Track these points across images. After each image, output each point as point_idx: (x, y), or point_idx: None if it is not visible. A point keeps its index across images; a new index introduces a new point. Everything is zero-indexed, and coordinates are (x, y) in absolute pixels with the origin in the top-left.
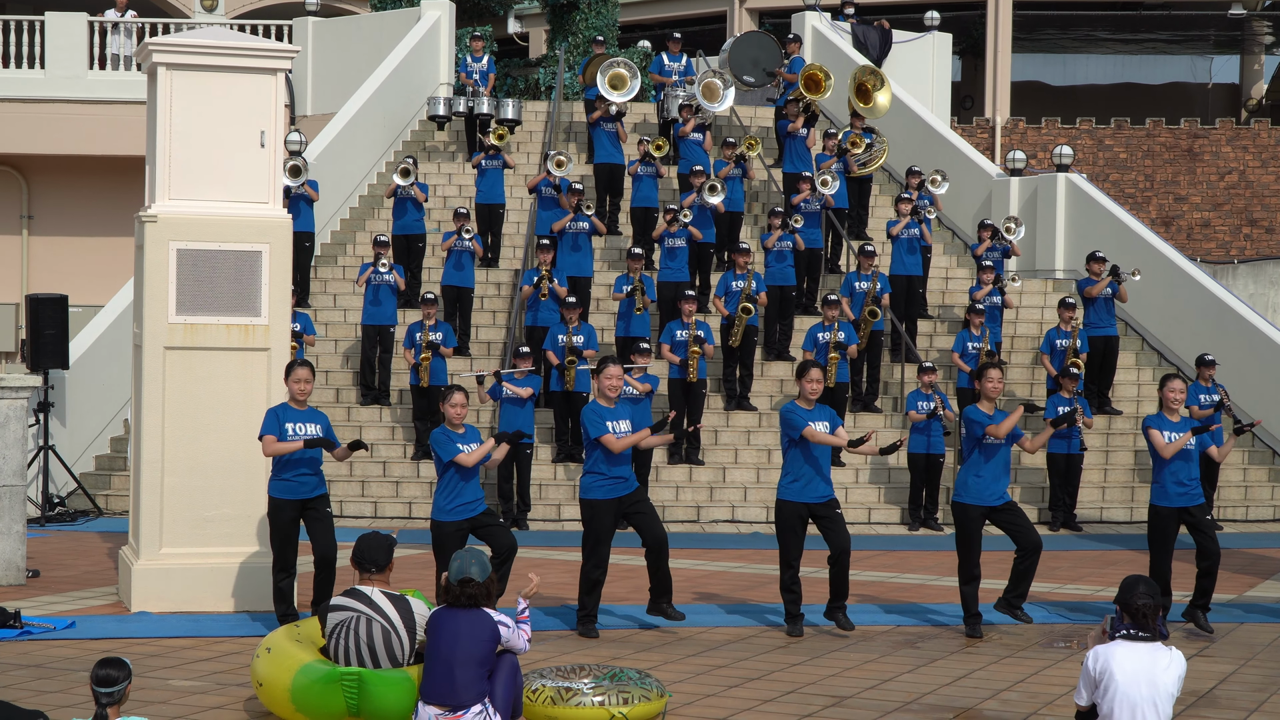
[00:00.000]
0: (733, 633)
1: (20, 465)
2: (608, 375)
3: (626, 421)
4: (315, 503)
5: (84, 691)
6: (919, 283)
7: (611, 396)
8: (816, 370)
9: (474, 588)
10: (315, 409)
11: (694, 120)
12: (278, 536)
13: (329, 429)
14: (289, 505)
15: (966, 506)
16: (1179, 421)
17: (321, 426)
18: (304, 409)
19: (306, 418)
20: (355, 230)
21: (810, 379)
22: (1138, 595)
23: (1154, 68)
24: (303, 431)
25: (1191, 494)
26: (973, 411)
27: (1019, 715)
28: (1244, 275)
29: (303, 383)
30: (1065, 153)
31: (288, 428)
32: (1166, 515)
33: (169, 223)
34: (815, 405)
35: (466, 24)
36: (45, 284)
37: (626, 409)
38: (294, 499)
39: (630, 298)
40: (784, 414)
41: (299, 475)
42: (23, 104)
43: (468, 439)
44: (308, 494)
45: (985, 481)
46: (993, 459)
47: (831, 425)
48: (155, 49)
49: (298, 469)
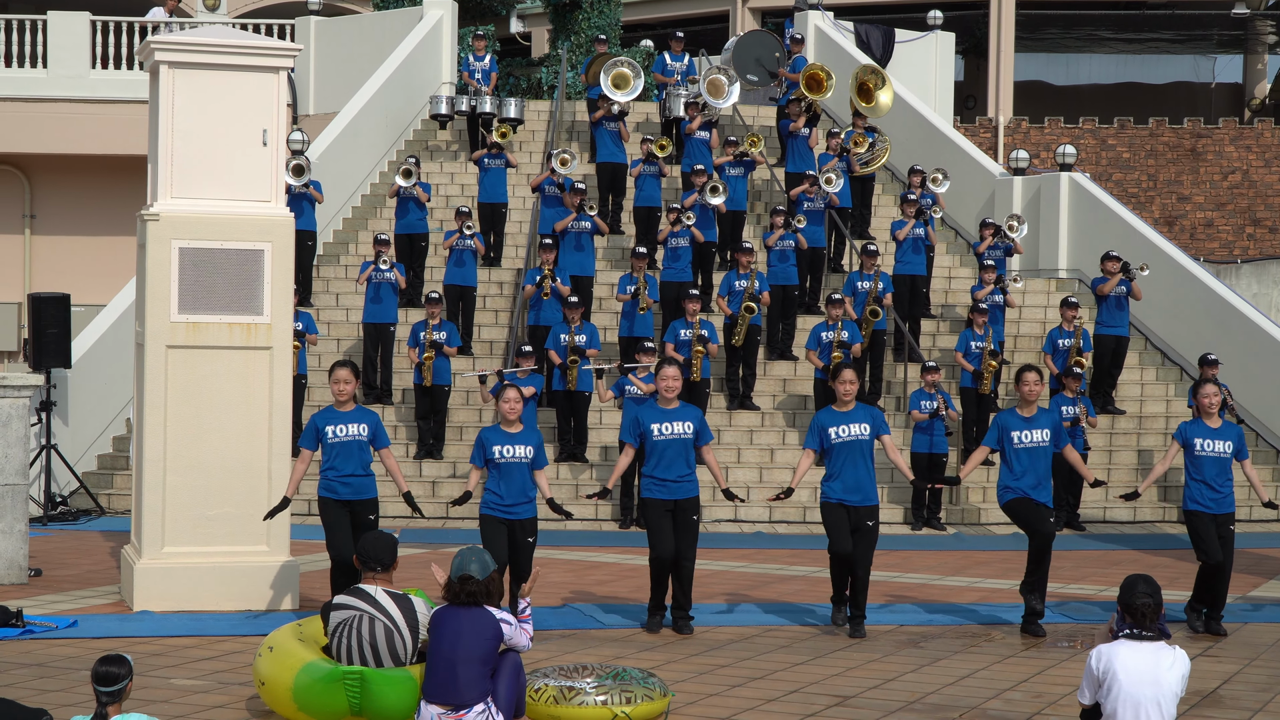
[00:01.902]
0: (736, 632)
1: (23, 464)
2: (663, 377)
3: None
4: (362, 507)
5: (86, 690)
6: (922, 282)
7: (669, 398)
8: (848, 371)
9: (474, 585)
10: (364, 408)
11: (700, 118)
12: (329, 537)
13: (377, 425)
14: (333, 505)
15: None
16: (1220, 428)
17: (368, 425)
18: (348, 409)
19: (349, 418)
20: (358, 229)
21: (842, 380)
22: (1138, 594)
23: (1157, 67)
24: (344, 433)
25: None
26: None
27: (1022, 715)
28: (1247, 275)
29: (340, 384)
30: (1068, 152)
31: (328, 430)
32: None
33: (171, 221)
34: (854, 407)
35: (469, 23)
36: (48, 283)
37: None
38: (338, 499)
39: (634, 298)
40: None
41: (340, 475)
42: (25, 103)
43: (520, 439)
44: (353, 495)
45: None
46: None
47: (873, 427)
48: (157, 47)
49: (336, 469)
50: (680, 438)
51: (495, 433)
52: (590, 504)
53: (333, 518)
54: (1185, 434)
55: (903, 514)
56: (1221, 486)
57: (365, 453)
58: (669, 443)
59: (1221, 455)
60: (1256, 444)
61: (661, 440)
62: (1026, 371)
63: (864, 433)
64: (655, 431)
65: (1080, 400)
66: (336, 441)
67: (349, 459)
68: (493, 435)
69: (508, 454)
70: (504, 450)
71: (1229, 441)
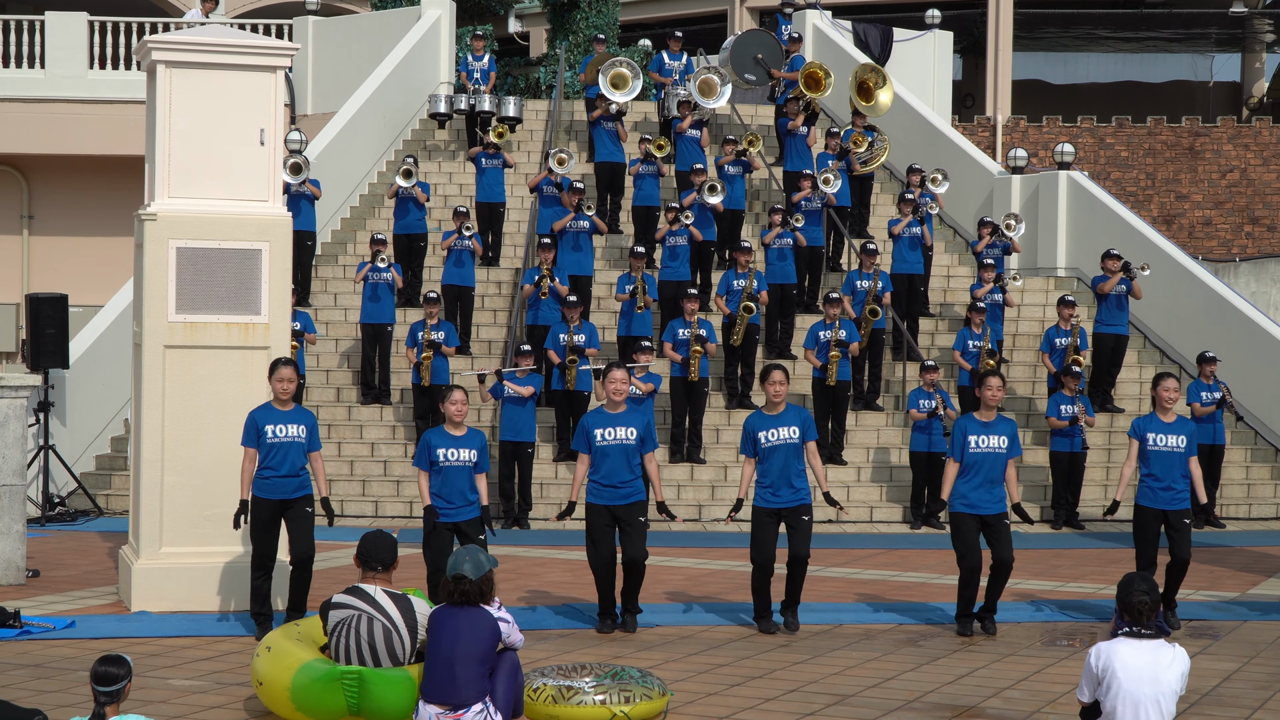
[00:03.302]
0: (734, 631)
1: (20, 465)
2: (611, 380)
3: (625, 428)
4: (295, 503)
5: (83, 691)
6: (920, 281)
7: (616, 400)
8: (777, 373)
9: (467, 585)
10: (302, 408)
11: (691, 116)
12: (254, 535)
13: (314, 428)
14: (265, 504)
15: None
16: (1173, 422)
17: (306, 427)
18: (288, 409)
19: (289, 418)
20: (356, 229)
21: (771, 381)
22: (1136, 592)
23: (1155, 66)
24: (284, 434)
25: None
26: (965, 420)
27: (1021, 713)
28: (1245, 273)
29: (285, 382)
30: (1066, 151)
31: (267, 430)
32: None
33: (169, 221)
34: (785, 409)
35: (467, 23)
36: (45, 283)
37: (629, 414)
38: (271, 498)
39: (632, 297)
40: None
41: (277, 475)
42: (23, 104)
43: (463, 443)
44: (288, 494)
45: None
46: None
47: (803, 431)
48: (154, 47)
49: (273, 469)
50: (623, 443)
51: (440, 434)
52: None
53: (261, 516)
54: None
55: (901, 513)
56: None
57: (294, 451)
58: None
59: (1169, 451)
60: (1255, 441)
61: (604, 445)
62: (990, 376)
63: (793, 436)
64: (599, 437)
65: (1078, 399)
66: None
67: (277, 457)
68: (437, 438)
69: (452, 457)
70: (448, 454)
71: (1183, 436)
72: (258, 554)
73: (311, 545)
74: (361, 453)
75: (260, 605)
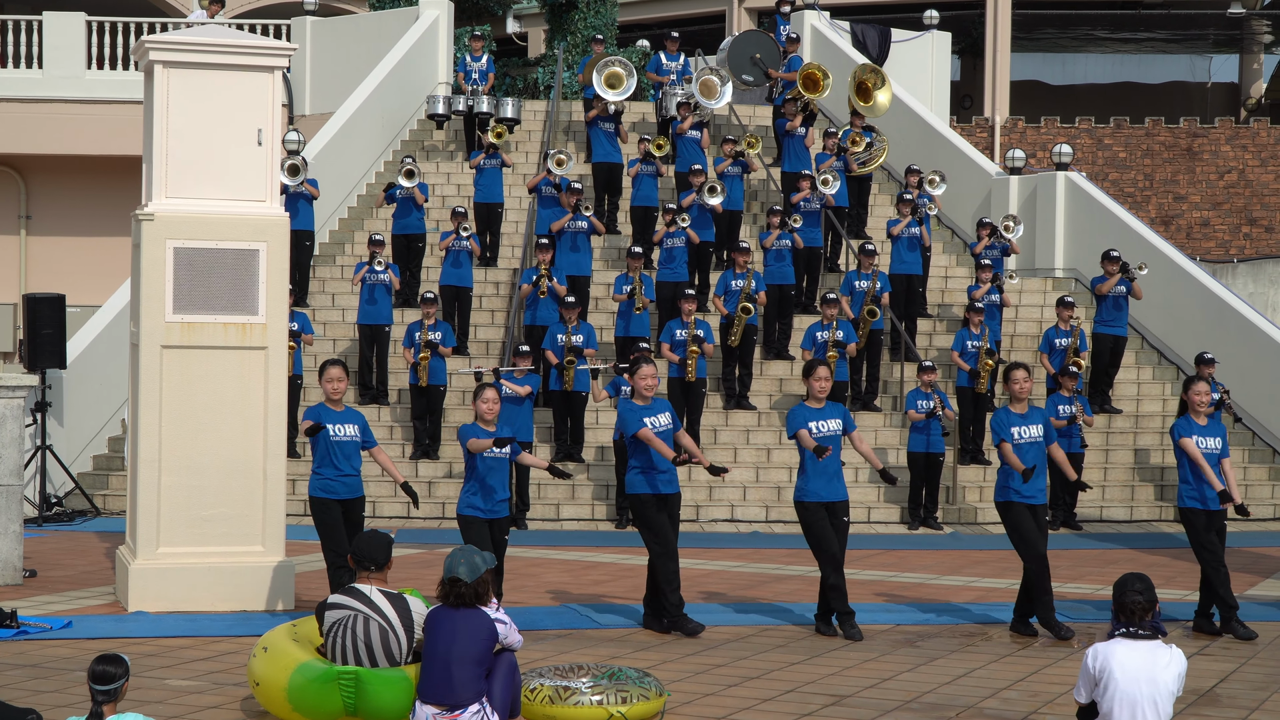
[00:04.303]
0: (732, 631)
1: (17, 465)
2: (642, 375)
3: (665, 415)
4: (353, 505)
5: (80, 691)
6: (919, 281)
7: (647, 396)
8: (823, 369)
9: (462, 588)
10: (352, 409)
11: (691, 118)
12: (324, 535)
13: (365, 428)
14: (331, 505)
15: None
16: (1206, 424)
17: (359, 426)
18: (340, 409)
19: (343, 418)
20: (354, 229)
21: (817, 377)
22: (1130, 592)
23: (1153, 67)
24: (340, 433)
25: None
26: (1003, 413)
27: (1019, 714)
28: (1243, 274)
29: (336, 382)
30: (1064, 151)
31: (330, 429)
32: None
33: (166, 221)
34: (825, 404)
35: (465, 23)
36: (43, 283)
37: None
38: (334, 498)
39: (630, 298)
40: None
41: (341, 475)
42: (21, 104)
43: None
44: (348, 495)
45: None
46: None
47: (844, 423)
48: (152, 47)
49: (337, 469)
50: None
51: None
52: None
53: (325, 516)
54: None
55: (899, 513)
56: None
57: (350, 449)
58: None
59: (1211, 452)
60: (1253, 442)
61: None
62: (1015, 369)
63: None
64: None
65: (1076, 399)
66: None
67: (336, 457)
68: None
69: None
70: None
71: (1218, 439)
72: (331, 553)
73: None
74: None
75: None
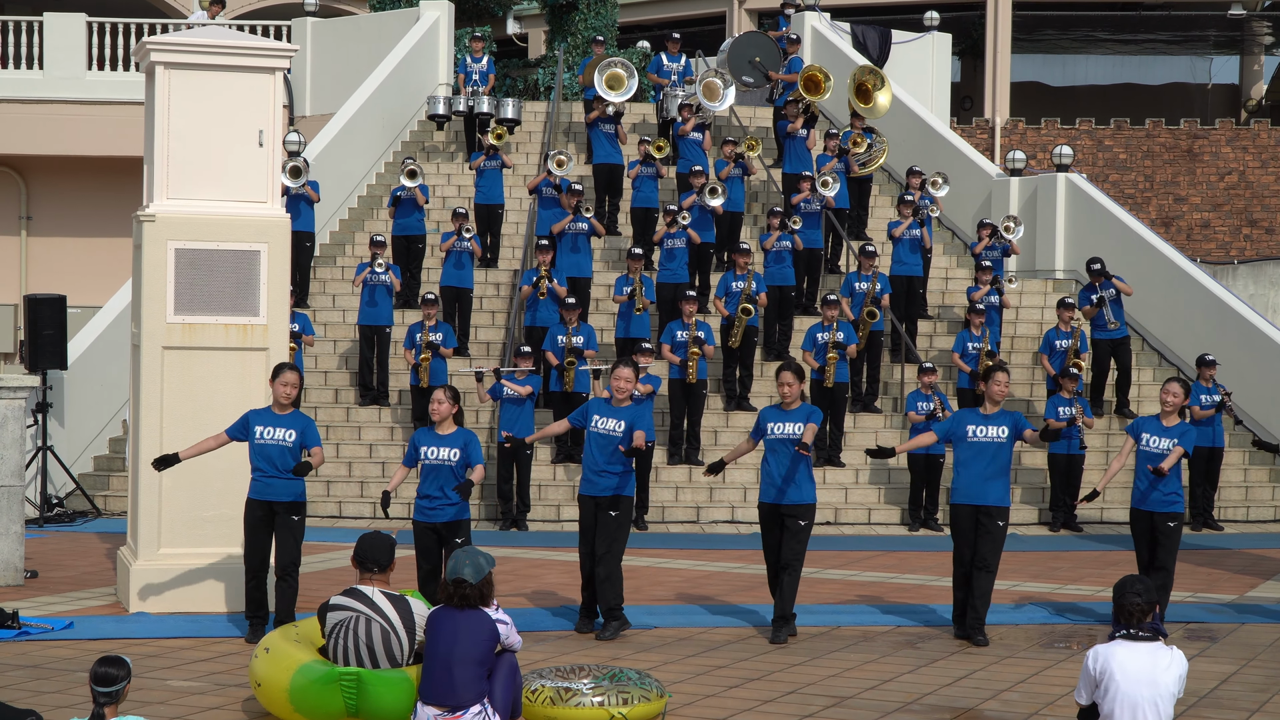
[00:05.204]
0: (732, 633)
1: (18, 466)
2: (615, 376)
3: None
4: (284, 508)
5: (82, 692)
6: (919, 283)
7: (620, 398)
8: (785, 374)
9: (467, 589)
10: (299, 413)
11: (694, 119)
12: (245, 536)
13: (306, 432)
14: (256, 505)
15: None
16: (1172, 426)
17: (296, 431)
18: (285, 413)
19: (282, 422)
20: (354, 230)
21: (780, 382)
22: (1130, 594)
23: (1153, 68)
24: (271, 436)
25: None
26: (967, 412)
27: (1020, 716)
28: (1244, 276)
29: (288, 386)
30: (1065, 153)
31: (256, 430)
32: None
33: (167, 222)
34: (798, 407)
35: (465, 24)
36: (44, 284)
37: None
38: (260, 499)
39: (631, 299)
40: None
41: (265, 476)
42: (21, 104)
43: (447, 442)
44: (276, 497)
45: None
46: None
47: (806, 422)
48: (153, 48)
49: (260, 470)
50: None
51: (426, 434)
52: None
53: (251, 518)
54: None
55: (899, 515)
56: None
57: (283, 455)
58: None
59: (1157, 453)
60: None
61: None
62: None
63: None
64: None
65: (1076, 400)
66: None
67: (268, 460)
68: (422, 436)
69: (432, 456)
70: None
71: (1172, 441)
72: (248, 556)
73: (295, 555)
74: (359, 454)
75: (254, 610)
